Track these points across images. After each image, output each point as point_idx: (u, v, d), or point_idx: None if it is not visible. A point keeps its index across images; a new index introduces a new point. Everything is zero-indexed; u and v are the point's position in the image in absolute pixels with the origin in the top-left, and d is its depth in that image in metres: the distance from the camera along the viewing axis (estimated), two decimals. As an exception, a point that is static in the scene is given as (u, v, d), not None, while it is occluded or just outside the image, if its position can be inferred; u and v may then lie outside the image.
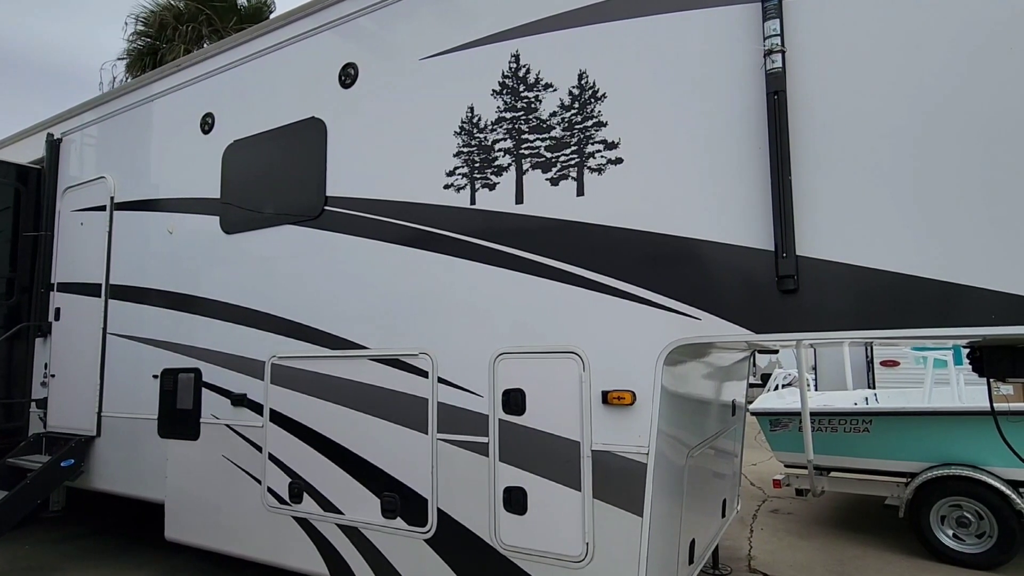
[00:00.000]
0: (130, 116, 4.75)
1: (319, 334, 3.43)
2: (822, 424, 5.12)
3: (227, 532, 3.75)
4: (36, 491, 4.35)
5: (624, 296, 2.54)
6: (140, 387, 4.27)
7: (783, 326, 2.28)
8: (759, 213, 2.31)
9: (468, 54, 3.07)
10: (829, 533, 5.26)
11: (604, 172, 2.64)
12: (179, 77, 4.42)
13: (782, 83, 2.28)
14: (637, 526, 2.45)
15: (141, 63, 11.05)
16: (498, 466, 2.78)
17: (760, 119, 2.33)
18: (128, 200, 4.62)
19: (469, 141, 3.01)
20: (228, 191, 3.97)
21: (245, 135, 3.91)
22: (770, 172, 2.28)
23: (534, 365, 2.74)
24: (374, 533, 3.13)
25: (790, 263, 2.23)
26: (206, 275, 4.04)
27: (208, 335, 3.95)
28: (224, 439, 3.79)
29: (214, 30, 10.90)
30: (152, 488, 4.15)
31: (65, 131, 5.24)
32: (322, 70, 3.59)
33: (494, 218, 2.90)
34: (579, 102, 2.73)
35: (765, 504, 6.21)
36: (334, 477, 3.29)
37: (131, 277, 4.51)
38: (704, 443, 3.29)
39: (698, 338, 2.42)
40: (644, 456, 2.46)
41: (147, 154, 4.61)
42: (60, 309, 5.00)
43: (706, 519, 3.50)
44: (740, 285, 2.36)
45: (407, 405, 3.07)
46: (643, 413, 2.48)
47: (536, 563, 2.67)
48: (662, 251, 2.49)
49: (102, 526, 5.60)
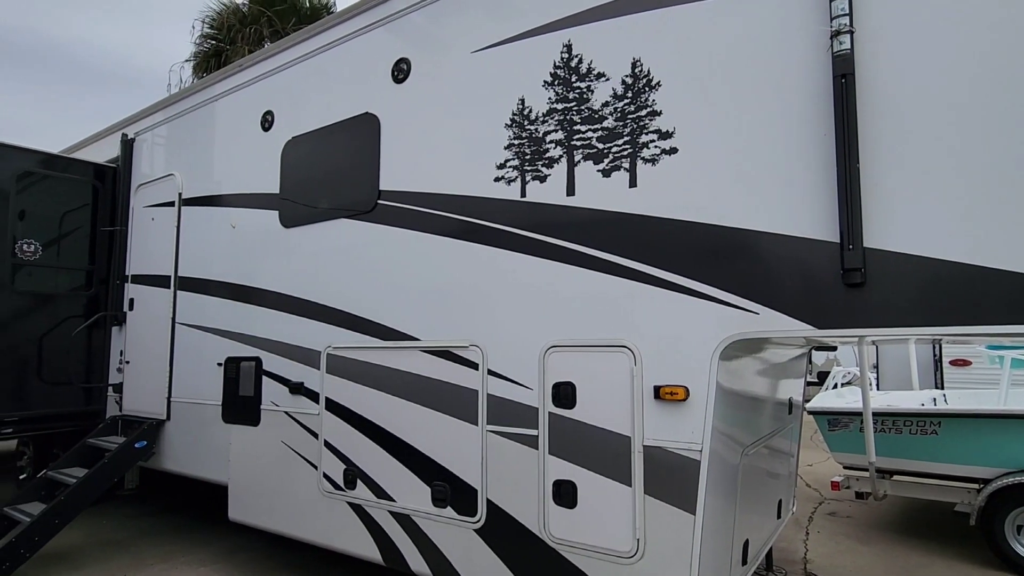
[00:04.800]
0: (196, 116, 4.98)
1: (372, 325, 3.51)
2: (886, 425, 4.89)
3: (285, 515, 3.90)
4: (113, 470, 4.65)
5: (678, 289, 2.49)
6: (206, 374, 4.49)
7: (848, 321, 2.18)
8: (823, 203, 2.21)
9: (519, 45, 3.07)
10: (891, 539, 5.02)
11: (658, 163, 2.59)
12: (241, 77, 4.59)
13: (850, 66, 2.17)
14: (690, 524, 2.40)
15: (207, 65, 11.55)
16: (548, 459, 2.78)
17: (825, 104, 2.23)
18: (195, 196, 4.86)
19: (520, 133, 3.01)
20: (286, 186, 4.11)
21: (302, 132, 4.03)
22: (836, 160, 2.18)
23: (584, 358, 2.72)
24: (425, 521, 3.19)
25: (857, 255, 2.12)
26: (266, 267, 4.20)
27: (268, 325, 4.11)
28: (283, 425, 3.93)
29: (275, 31, 11.26)
30: (217, 471, 4.36)
31: (138, 131, 5.55)
32: (375, 66, 3.66)
33: (545, 210, 2.89)
34: (632, 91, 2.68)
35: (822, 506, 5.98)
36: (386, 465, 3.37)
37: (197, 269, 4.75)
38: (759, 441, 3.19)
39: (756, 333, 2.35)
40: (697, 453, 2.41)
41: (212, 152, 4.82)
42: (134, 300, 5.31)
43: (760, 519, 3.41)
44: (801, 278, 2.27)
45: (457, 396, 3.11)
46: (697, 409, 2.43)
47: (585, 557, 2.66)
48: (718, 243, 2.42)
49: (171, 504, 5.95)
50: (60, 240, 5.49)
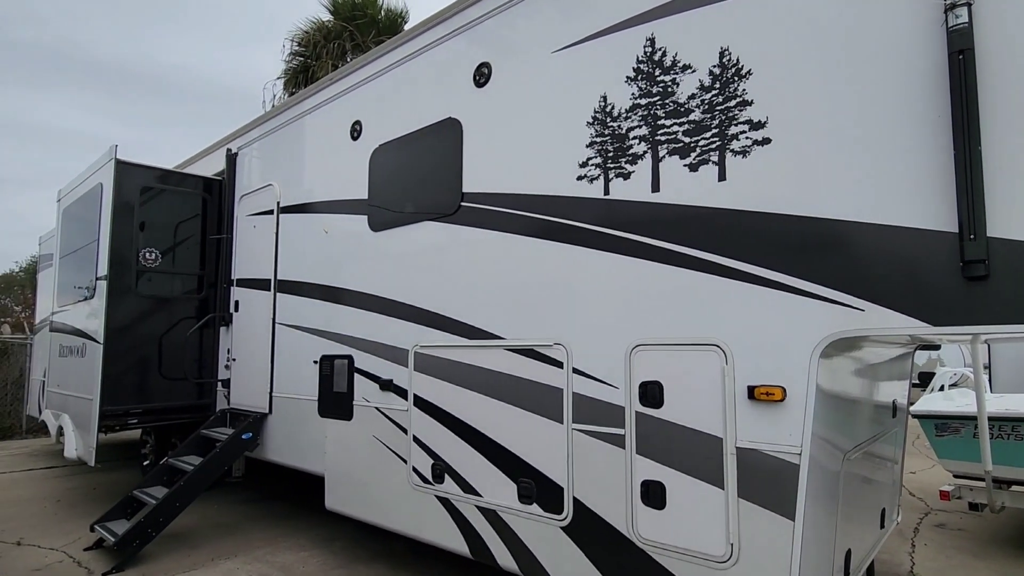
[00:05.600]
0: (291, 129, 5.31)
1: (458, 324, 3.61)
2: (1003, 430, 4.45)
3: (377, 506, 4.08)
4: (223, 459, 5.06)
5: (773, 285, 2.39)
6: (303, 371, 4.78)
7: (968, 318, 2.00)
8: (937, 190, 2.05)
9: (600, 42, 3.05)
10: (1010, 555, 4.57)
11: (749, 154, 2.49)
12: (330, 91, 4.85)
13: (969, 40, 2.00)
14: (788, 530, 2.30)
15: (295, 80, 12.26)
16: (635, 459, 2.75)
17: (938, 83, 2.06)
18: (291, 204, 5.18)
19: (602, 130, 2.99)
20: (374, 192, 4.30)
21: (389, 139, 4.21)
22: (953, 143, 2.02)
23: (672, 357, 2.67)
24: (511, 517, 3.24)
25: (979, 246, 1.96)
26: (356, 270, 4.42)
27: (359, 325, 4.31)
28: (374, 420, 4.12)
29: (356, 45, 11.79)
30: (314, 462, 4.63)
31: (240, 145, 5.99)
32: (457, 72, 3.76)
33: (629, 207, 2.86)
34: (720, 81, 2.60)
35: (928, 517, 5.54)
36: (473, 461, 3.46)
37: (295, 273, 5.06)
38: (861, 446, 3.01)
39: (861, 331, 2.21)
40: (796, 457, 2.30)
41: (305, 162, 5.13)
42: (239, 302, 5.73)
43: (863, 529, 3.20)
44: (914, 272, 2.11)
45: (542, 394, 3.13)
46: (795, 411, 2.32)
47: (676, 560, 2.61)
48: (817, 236, 2.30)
49: (274, 492, 6.38)
50: (175, 248, 6.02)
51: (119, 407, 5.57)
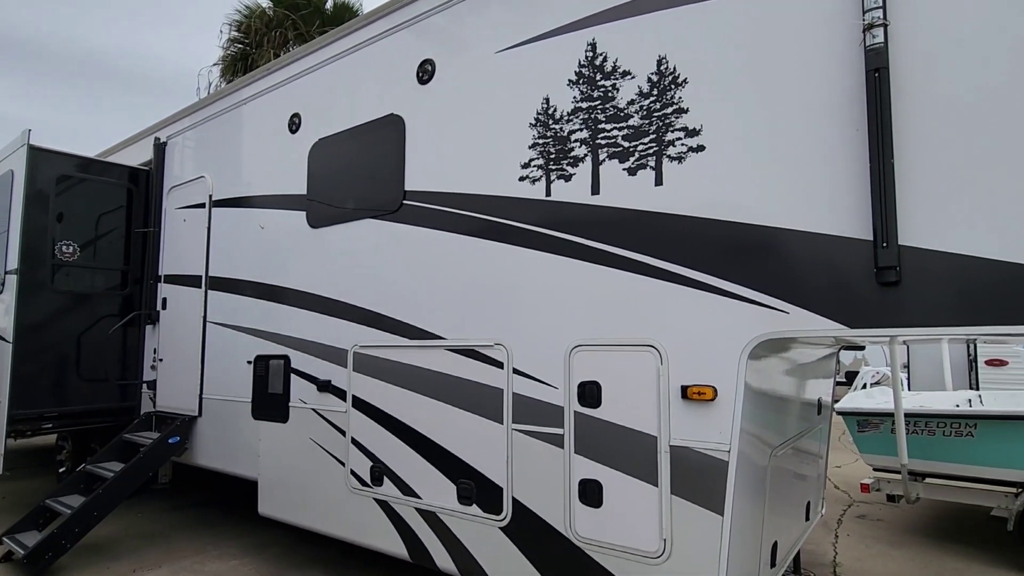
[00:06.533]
0: (226, 119, 5.09)
1: (398, 324, 3.55)
2: (918, 426, 4.77)
3: (314, 510, 3.96)
4: (148, 465, 4.79)
5: (705, 288, 2.47)
6: (236, 372, 4.59)
7: (882, 321, 2.13)
8: (855, 200, 2.17)
9: (543, 44, 3.07)
10: (924, 543, 4.90)
11: (684, 160, 2.57)
12: (269, 80, 4.68)
13: (884, 59, 2.12)
14: (717, 525, 2.39)
15: (234, 68, 11.78)
16: (573, 458, 2.78)
17: (856, 99, 2.18)
18: (224, 198, 4.96)
19: (545, 132, 3.01)
20: (314, 187, 4.17)
21: (329, 133, 4.09)
22: (869, 156, 2.14)
23: (610, 358, 2.72)
24: (450, 518, 3.22)
25: (891, 253, 2.08)
26: (294, 267, 4.28)
27: (296, 324, 4.18)
28: (311, 422, 4.00)
29: (299, 34, 11.43)
30: (247, 466, 4.45)
31: (170, 135, 5.69)
32: (400, 68, 3.69)
33: (570, 209, 2.89)
34: (658, 89, 2.66)
35: (851, 509, 5.87)
36: (412, 462, 3.41)
37: (227, 269, 4.85)
38: (788, 442, 3.15)
39: (785, 332, 2.32)
40: (725, 454, 2.39)
41: (240, 154, 4.92)
42: (166, 299, 5.45)
43: (789, 522, 3.36)
44: (833, 277, 2.23)
45: (483, 395, 3.13)
46: (725, 409, 2.40)
47: (611, 556, 2.66)
48: (747, 242, 2.39)
49: (203, 499, 6.09)
50: (96, 241, 5.66)
51: (31, 411, 5.19)
